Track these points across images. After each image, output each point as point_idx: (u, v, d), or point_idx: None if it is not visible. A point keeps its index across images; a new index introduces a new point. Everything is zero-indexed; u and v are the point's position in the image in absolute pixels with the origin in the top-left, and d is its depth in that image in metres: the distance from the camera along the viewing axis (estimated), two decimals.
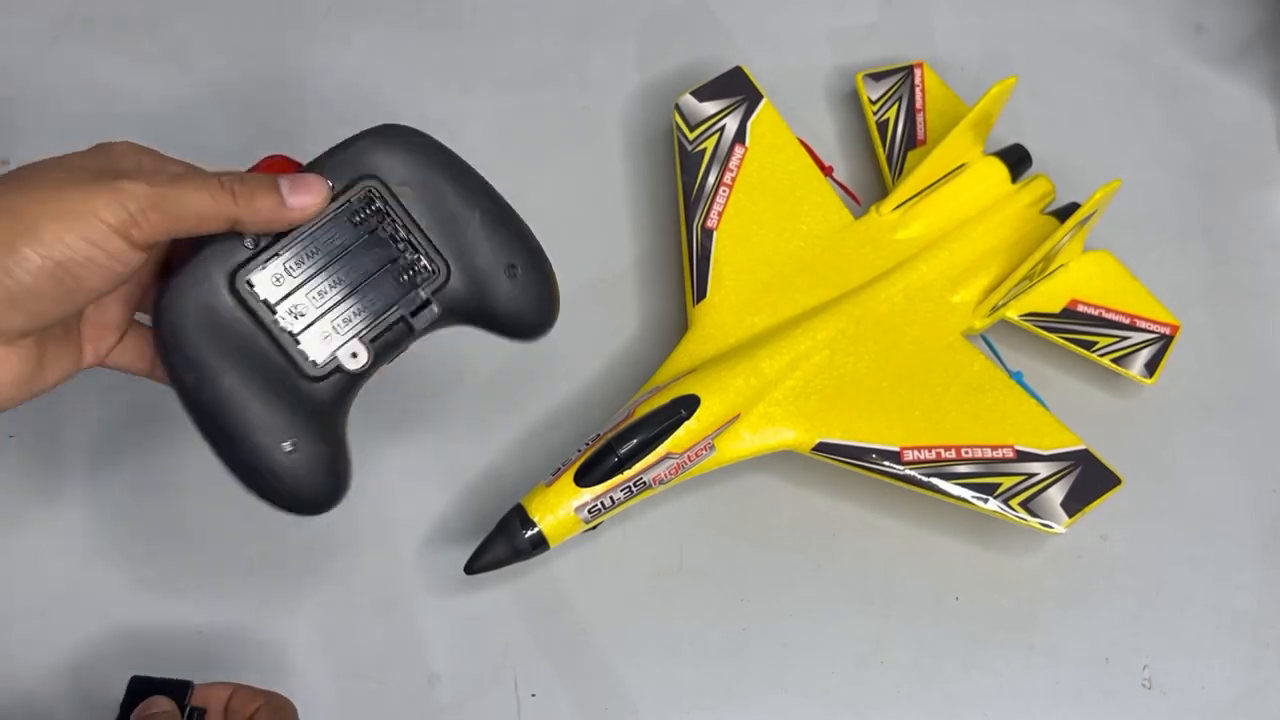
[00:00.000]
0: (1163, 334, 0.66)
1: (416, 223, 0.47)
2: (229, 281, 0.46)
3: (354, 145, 0.47)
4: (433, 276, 0.48)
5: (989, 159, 0.68)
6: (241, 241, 0.46)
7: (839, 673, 0.61)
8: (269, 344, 0.46)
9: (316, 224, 0.46)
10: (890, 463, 0.60)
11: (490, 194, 0.49)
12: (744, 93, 0.68)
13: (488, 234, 0.48)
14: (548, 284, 0.50)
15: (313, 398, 0.46)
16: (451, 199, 0.48)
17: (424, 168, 0.48)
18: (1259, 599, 0.63)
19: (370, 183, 0.47)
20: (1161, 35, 0.76)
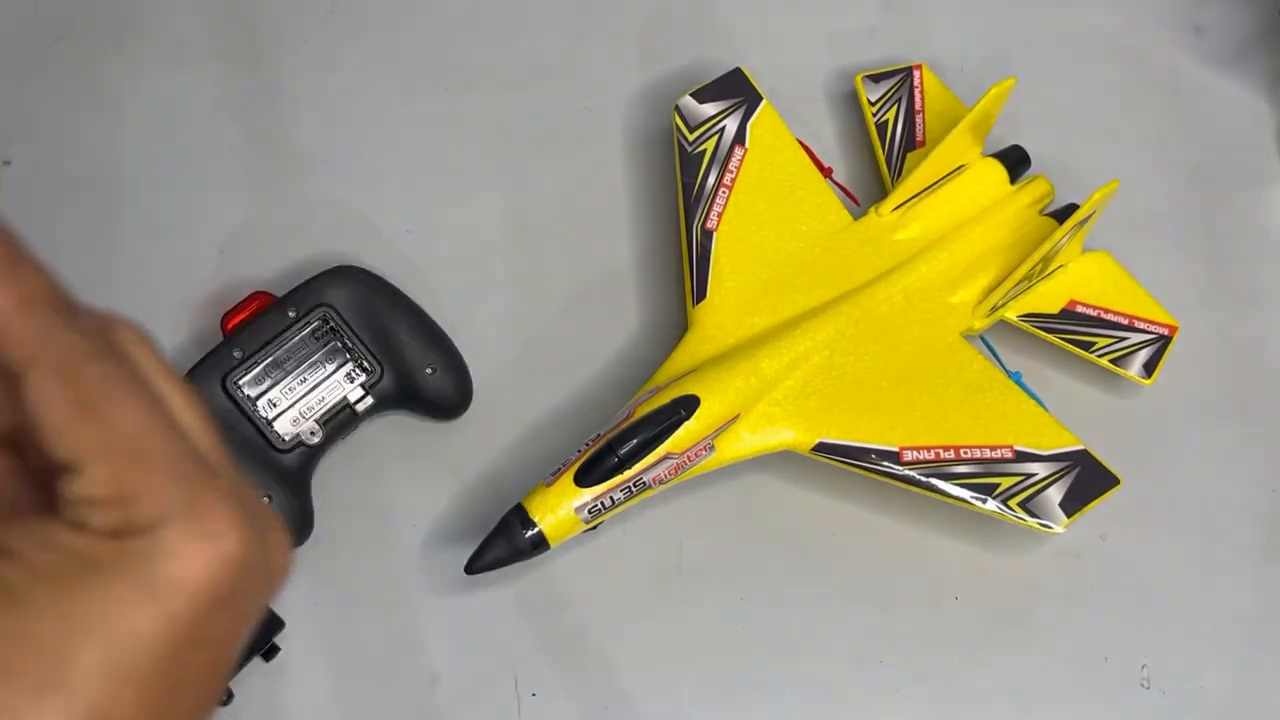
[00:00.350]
0: (1161, 334, 0.66)
1: (358, 336, 0.62)
2: (221, 383, 0.60)
3: (315, 283, 0.62)
4: (370, 374, 0.62)
5: (988, 160, 0.68)
6: (231, 352, 0.61)
7: (838, 672, 0.61)
8: (250, 428, 0.60)
9: (289, 339, 0.61)
10: (889, 463, 0.60)
11: (415, 313, 0.64)
12: (744, 94, 0.69)
13: (410, 342, 0.63)
14: (460, 379, 0.63)
15: (283, 465, 0.60)
16: (385, 318, 0.63)
17: (365, 296, 0.63)
18: (1258, 599, 0.63)
19: (325, 309, 0.62)
20: (1160, 36, 0.76)
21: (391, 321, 0.63)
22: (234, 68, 0.71)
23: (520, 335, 0.66)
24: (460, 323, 0.64)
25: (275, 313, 0.62)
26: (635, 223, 0.69)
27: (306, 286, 0.63)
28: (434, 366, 0.63)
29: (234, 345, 0.61)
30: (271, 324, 0.62)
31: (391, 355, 0.62)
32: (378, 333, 0.62)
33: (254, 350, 0.61)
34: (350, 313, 0.63)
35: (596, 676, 0.60)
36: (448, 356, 0.64)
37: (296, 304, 0.62)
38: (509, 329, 0.66)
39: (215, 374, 0.61)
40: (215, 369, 0.61)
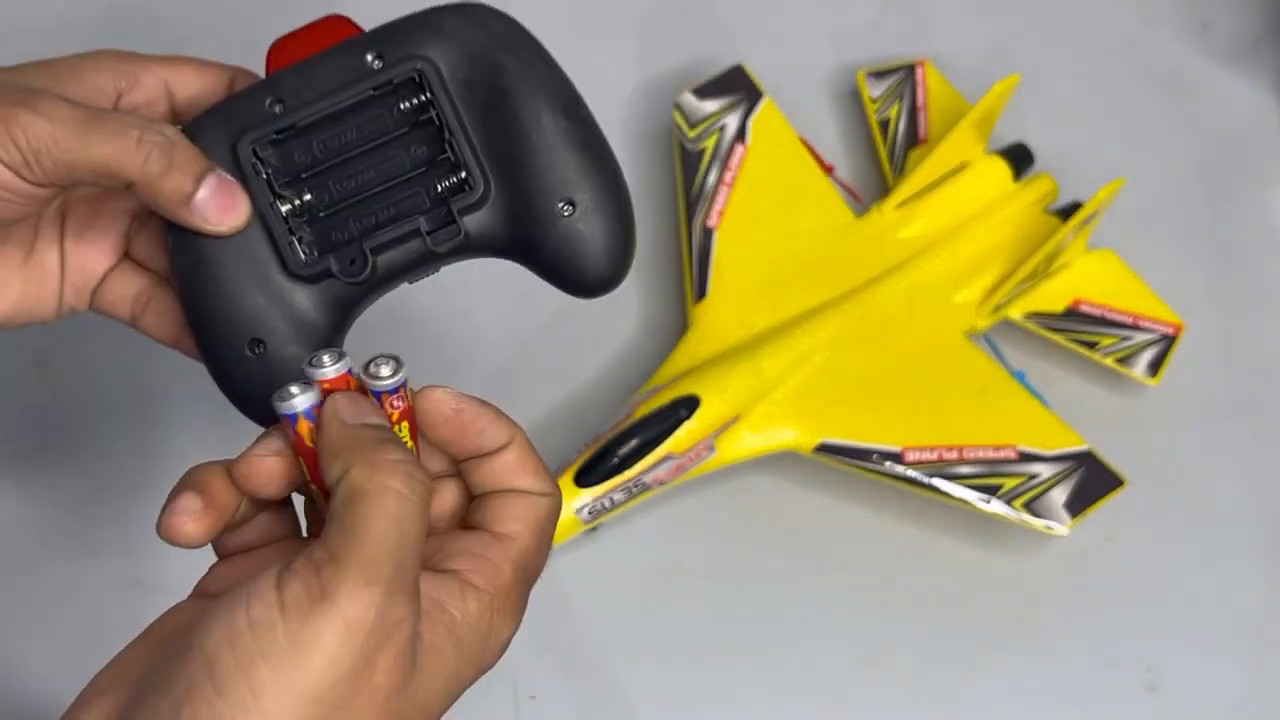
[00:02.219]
0: (1166, 334, 0.65)
1: (464, 123, 0.41)
2: (232, 144, 0.41)
3: (419, 19, 0.41)
4: (467, 192, 0.41)
5: (991, 157, 0.68)
6: (266, 102, 0.41)
7: (840, 674, 0.60)
8: (258, 228, 0.41)
9: (360, 102, 0.41)
10: (892, 463, 0.60)
11: (568, 103, 0.42)
12: (744, 91, 0.68)
13: (547, 152, 0.41)
14: (616, 232, 0.42)
15: (294, 300, 0.41)
16: (516, 101, 0.41)
17: (494, 58, 0.41)
18: (1264, 600, 0.63)
19: (423, 65, 0.40)
20: (1166, 32, 0.76)
21: (524, 109, 0.41)
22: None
23: (520, 335, 0.66)
24: (460, 323, 0.64)
25: (348, 55, 0.41)
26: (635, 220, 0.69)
27: (409, 22, 0.42)
28: (575, 202, 0.41)
29: (273, 90, 0.41)
30: (338, 71, 0.41)
31: (510, 165, 0.41)
32: (498, 123, 0.41)
33: (301, 104, 0.41)
34: (461, 82, 0.41)
35: (596, 678, 0.60)
36: (600, 190, 0.42)
37: (382, 47, 0.41)
38: (509, 329, 0.66)
39: (227, 128, 0.41)
40: (231, 120, 0.41)
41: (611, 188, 0.42)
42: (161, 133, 0.40)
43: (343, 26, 0.42)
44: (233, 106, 0.42)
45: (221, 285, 0.42)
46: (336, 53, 0.41)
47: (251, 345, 0.42)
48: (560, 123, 0.41)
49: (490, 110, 0.41)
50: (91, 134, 0.39)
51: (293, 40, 0.42)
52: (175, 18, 0.73)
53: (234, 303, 0.41)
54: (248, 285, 0.41)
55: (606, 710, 0.59)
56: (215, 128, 0.41)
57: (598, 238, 0.42)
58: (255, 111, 0.41)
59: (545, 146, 0.41)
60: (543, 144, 0.41)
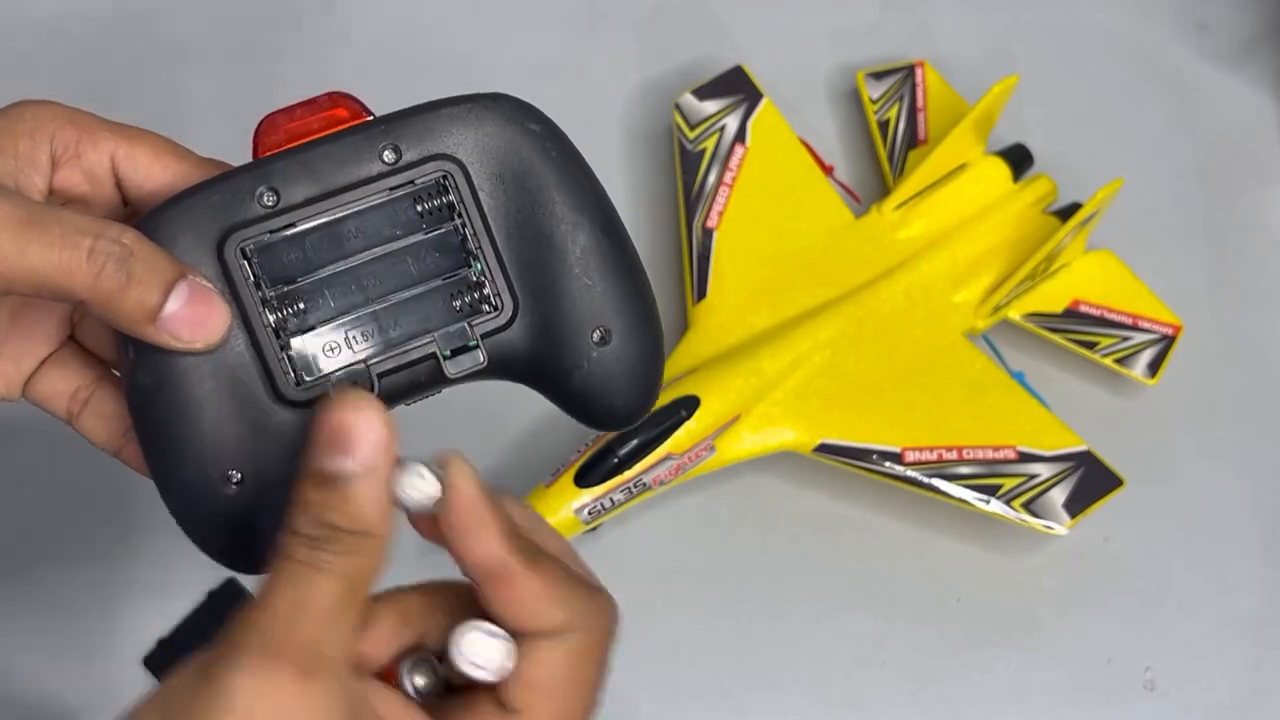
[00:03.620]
0: (1165, 334, 0.65)
1: (493, 234, 0.36)
2: (219, 242, 0.35)
3: (442, 112, 0.37)
4: (492, 313, 0.36)
5: (990, 158, 0.68)
6: (255, 193, 0.35)
7: (839, 673, 0.60)
8: (243, 339, 0.36)
9: (369, 199, 0.36)
10: (892, 463, 0.60)
11: (606, 219, 0.37)
12: (744, 92, 0.68)
13: (585, 275, 0.37)
14: (648, 363, 0.38)
15: (280, 428, 0.36)
16: (552, 214, 0.36)
17: (528, 163, 0.37)
18: (1262, 600, 0.63)
19: (448, 165, 0.36)
20: (1164, 34, 0.76)
21: (561, 224, 0.37)
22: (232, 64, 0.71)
23: None
24: None
25: (357, 145, 0.36)
26: (635, 221, 0.69)
27: (431, 112, 0.37)
28: (609, 332, 0.37)
29: (265, 177, 0.36)
30: (345, 162, 0.36)
31: (542, 285, 0.37)
32: (529, 236, 0.37)
33: (300, 202, 0.36)
34: (489, 186, 0.37)
35: None
36: (637, 320, 0.38)
37: (398, 140, 0.36)
38: None
39: (210, 221, 0.35)
40: (215, 211, 0.35)
41: (647, 316, 0.38)
42: (118, 240, 0.34)
43: (349, 106, 0.37)
44: (216, 194, 0.36)
45: (193, 409, 0.36)
46: (342, 139, 0.36)
47: (227, 481, 0.36)
48: (599, 242, 0.37)
49: (521, 220, 0.37)
50: (32, 241, 0.33)
51: (287, 118, 0.37)
52: (175, 18, 0.73)
53: (208, 431, 0.36)
54: (227, 408, 0.36)
55: (607, 710, 0.59)
56: (194, 219, 0.35)
57: (630, 371, 0.38)
58: (243, 203, 0.35)
59: (584, 268, 0.37)
60: (582, 265, 0.37)
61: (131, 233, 0.34)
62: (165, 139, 0.39)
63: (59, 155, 0.37)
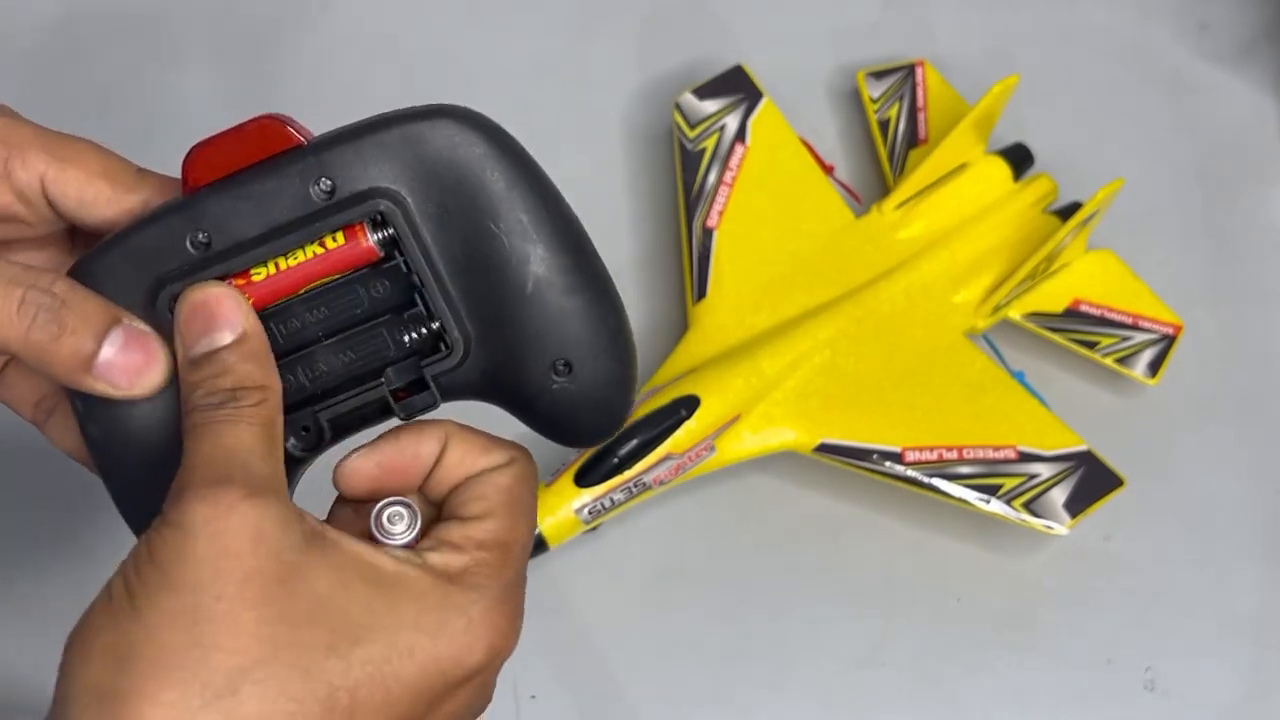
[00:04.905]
0: (1165, 334, 0.65)
1: (437, 270, 0.34)
2: (150, 293, 0.34)
3: (375, 137, 0.34)
4: (444, 353, 0.35)
5: (991, 158, 0.68)
6: (185, 239, 0.34)
7: (839, 673, 0.60)
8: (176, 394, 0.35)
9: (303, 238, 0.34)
10: (892, 463, 0.60)
11: (563, 243, 0.35)
12: (744, 91, 0.68)
13: (541, 306, 0.34)
14: (615, 388, 0.36)
15: None
16: (505, 240, 0.34)
17: (472, 189, 0.34)
18: (1262, 600, 0.63)
19: (383, 203, 0.34)
20: (1164, 33, 0.76)
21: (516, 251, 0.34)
22: (230, 65, 0.71)
23: None
24: None
25: (288, 177, 0.34)
26: (635, 221, 0.69)
27: (363, 138, 0.34)
28: (572, 363, 0.35)
29: (195, 220, 0.34)
30: (277, 198, 0.34)
31: (496, 318, 0.35)
32: (480, 264, 0.34)
33: (231, 244, 0.34)
34: (434, 214, 0.34)
35: (596, 678, 0.60)
36: (600, 343, 0.35)
37: (332, 172, 0.34)
38: None
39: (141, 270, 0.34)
40: (145, 260, 0.34)
41: (614, 342, 0.36)
42: (49, 290, 0.33)
43: (279, 132, 0.34)
44: (145, 239, 0.34)
45: (146, 458, 0.35)
46: (274, 172, 0.34)
47: None
48: (558, 268, 0.34)
49: (471, 249, 0.34)
50: None
51: (214, 147, 0.34)
52: (176, 18, 0.73)
53: (162, 479, 0.34)
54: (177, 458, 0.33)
55: (606, 710, 0.59)
56: (125, 267, 0.34)
57: (594, 400, 0.36)
58: (174, 248, 0.34)
59: (539, 299, 0.34)
60: (536, 296, 0.34)
61: (63, 282, 0.34)
62: (101, 157, 0.37)
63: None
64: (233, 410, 0.33)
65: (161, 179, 0.37)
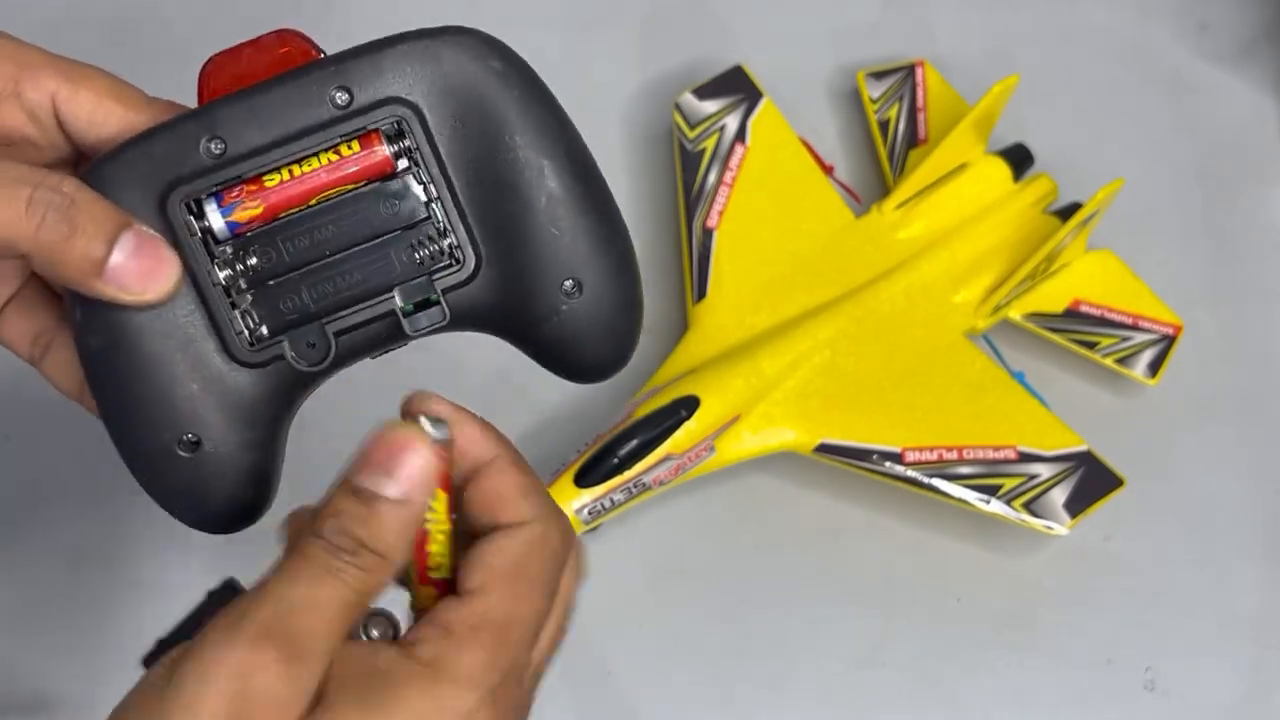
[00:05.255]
0: (1165, 334, 0.65)
1: (452, 183, 0.34)
2: (162, 197, 0.34)
3: (396, 49, 0.35)
4: (454, 266, 0.35)
5: (991, 158, 0.68)
6: (200, 143, 0.34)
7: (839, 673, 0.60)
8: (192, 299, 0.34)
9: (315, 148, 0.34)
10: (892, 464, 0.60)
11: (577, 161, 0.35)
12: (744, 91, 0.68)
13: (553, 224, 0.35)
14: (624, 314, 0.36)
15: (235, 388, 0.35)
16: (518, 158, 0.34)
17: (490, 104, 0.34)
18: (1262, 600, 0.63)
19: (402, 110, 0.34)
20: (1164, 33, 0.76)
21: (527, 169, 0.35)
22: None
23: None
24: None
25: (306, 87, 0.34)
26: (635, 221, 0.68)
27: (382, 50, 0.35)
28: (582, 282, 0.35)
29: (209, 126, 0.34)
30: (294, 106, 0.34)
31: (506, 233, 0.35)
32: (493, 182, 0.35)
33: (246, 149, 0.34)
34: (449, 129, 0.34)
35: (596, 677, 0.60)
36: (609, 268, 0.36)
37: (350, 81, 0.34)
38: None
39: (152, 173, 0.34)
40: (156, 163, 0.34)
41: (623, 263, 0.36)
42: (58, 189, 0.33)
43: (297, 44, 0.35)
44: (157, 144, 0.34)
45: (145, 371, 0.35)
46: (291, 81, 0.34)
47: (183, 443, 0.35)
48: (569, 186, 0.35)
49: (483, 166, 0.35)
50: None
51: (233, 59, 0.35)
52: (177, 17, 0.73)
53: (162, 393, 0.34)
54: (178, 371, 0.34)
55: (606, 710, 0.59)
56: (136, 172, 0.34)
57: (604, 322, 0.36)
58: (187, 153, 0.34)
59: (551, 216, 0.35)
60: (549, 212, 0.35)
61: (71, 181, 0.33)
62: (112, 79, 0.37)
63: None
64: (346, 566, 0.31)
65: (171, 104, 0.37)
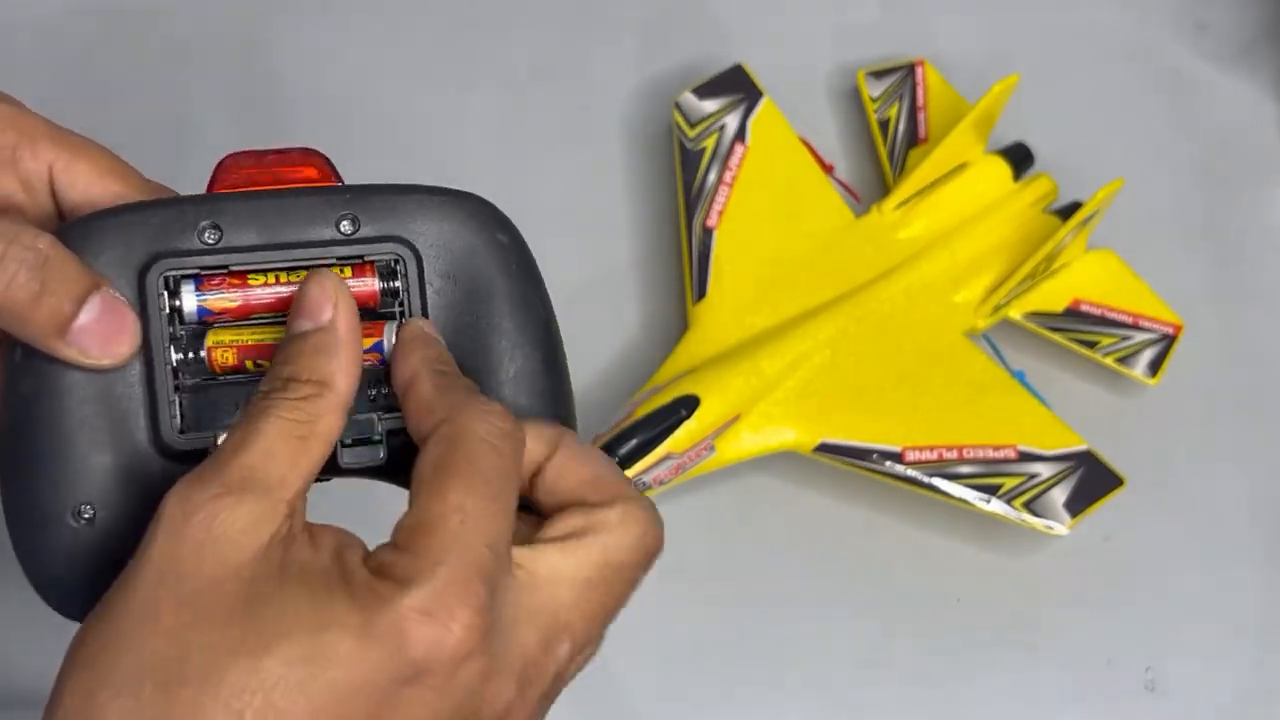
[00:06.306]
0: (1166, 334, 0.65)
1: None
2: (142, 265, 0.34)
3: (411, 197, 0.35)
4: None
5: (991, 157, 0.68)
6: (198, 227, 0.34)
7: (839, 673, 0.60)
8: (138, 373, 0.34)
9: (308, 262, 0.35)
10: (892, 463, 0.60)
11: (547, 348, 0.37)
12: (744, 91, 0.68)
13: (514, 396, 0.36)
14: None
15: (149, 472, 0.34)
16: (496, 329, 0.36)
17: (486, 272, 0.36)
18: (1263, 600, 0.63)
19: (403, 250, 0.35)
20: (1164, 33, 0.76)
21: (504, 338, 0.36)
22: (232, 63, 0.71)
23: None
24: None
25: (314, 205, 0.35)
26: (635, 221, 0.69)
27: (397, 195, 0.36)
28: None
29: (212, 213, 0.34)
30: (298, 218, 0.35)
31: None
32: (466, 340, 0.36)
33: (241, 244, 0.34)
34: (439, 281, 0.36)
35: (596, 678, 0.60)
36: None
37: (360, 212, 0.35)
38: None
39: (142, 241, 0.34)
40: (149, 232, 0.34)
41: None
42: (32, 246, 0.33)
43: (319, 166, 0.36)
44: (155, 214, 0.34)
45: (66, 429, 0.34)
46: (303, 196, 0.35)
47: (76, 512, 0.34)
48: (534, 369, 0.36)
49: (461, 325, 0.36)
50: None
51: (254, 161, 0.36)
52: (178, 16, 0.73)
53: (76, 455, 0.34)
54: (99, 438, 0.34)
55: (607, 710, 0.59)
56: (123, 235, 0.34)
57: None
58: (183, 232, 0.34)
59: (512, 390, 0.36)
60: (510, 385, 0.36)
61: (46, 238, 0.33)
62: (111, 156, 0.37)
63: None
64: (274, 401, 0.32)
65: (167, 188, 0.37)
